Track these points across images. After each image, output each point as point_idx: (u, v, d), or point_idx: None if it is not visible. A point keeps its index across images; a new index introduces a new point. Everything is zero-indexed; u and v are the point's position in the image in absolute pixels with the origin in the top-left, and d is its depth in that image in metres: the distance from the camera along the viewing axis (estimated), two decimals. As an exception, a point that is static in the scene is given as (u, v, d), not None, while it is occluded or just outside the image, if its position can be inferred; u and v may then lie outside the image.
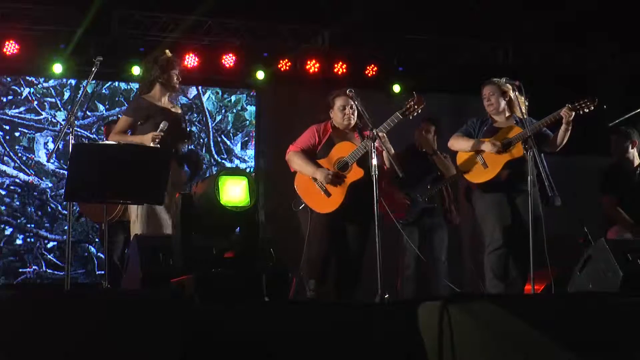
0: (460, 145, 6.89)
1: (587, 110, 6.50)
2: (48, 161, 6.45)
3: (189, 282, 5.30)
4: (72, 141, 6.23)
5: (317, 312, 4.41)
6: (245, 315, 4.19)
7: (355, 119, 6.63)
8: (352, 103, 6.54)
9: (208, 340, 3.95)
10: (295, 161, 6.67)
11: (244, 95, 11.18)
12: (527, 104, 6.76)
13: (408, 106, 6.52)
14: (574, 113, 6.48)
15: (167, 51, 6.66)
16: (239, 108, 11.14)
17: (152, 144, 6.45)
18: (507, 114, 6.83)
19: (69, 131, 6.29)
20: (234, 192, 5.72)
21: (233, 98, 11.15)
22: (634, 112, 7.00)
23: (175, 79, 6.72)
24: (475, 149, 6.77)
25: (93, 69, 6.43)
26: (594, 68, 11.32)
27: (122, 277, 7.18)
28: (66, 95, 10.51)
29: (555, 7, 9.66)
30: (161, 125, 6.54)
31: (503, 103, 6.81)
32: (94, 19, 9.52)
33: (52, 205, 10.28)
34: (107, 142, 7.13)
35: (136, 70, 10.14)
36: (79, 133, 10.18)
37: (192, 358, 3.91)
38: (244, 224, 5.91)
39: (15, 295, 4.00)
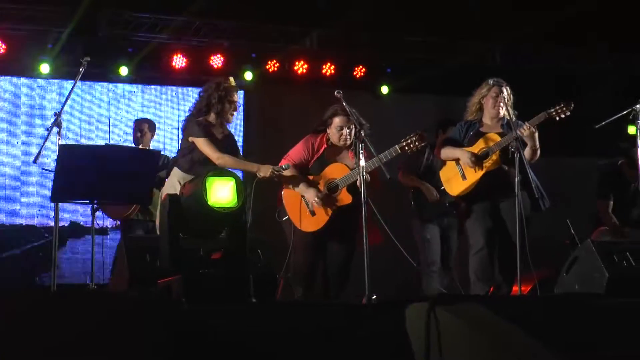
0: (444, 153, 6.89)
1: (564, 116, 6.50)
2: (35, 162, 6.39)
3: (177, 283, 5.29)
4: (59, 141, 6.21)
5: (305, 313, 4.41)
6: (233, 316, 4.19)
7: (352, 138, 6.47)
8: (350, 122, 6.39)
9: (195, 341, 3.95)
10: (286, 174, 6.55)
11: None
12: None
13: (409, 141, 6.44)
14: (531, 128, 6.46)
15: (231, 79, 6.47)
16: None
17: (267, 175, 6.28)
18: (498, 117, 6.82)
19: (57, 132, 6.27)
20: (221, 193, 5.71)
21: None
22: (620, 114, 7.02)
23: (230, 111, 6.37)
24: (454, 157, 6.79)
25: (81, 69, 6.41)
26: (585, 70, 11.35)
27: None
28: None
29: (545, 8, 9.68)
30: (284, 166, 6.38)
31: (503, 106, 6.77)
32: (82, 19, 9.50)
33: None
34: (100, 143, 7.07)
35: (124, 70, 10.13)
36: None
37: (180, 359, 3.91)
38: (231, 224, 5.90)
39: (1, 297, 3.99)
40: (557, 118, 6.50)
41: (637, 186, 7.06)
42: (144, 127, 8.36)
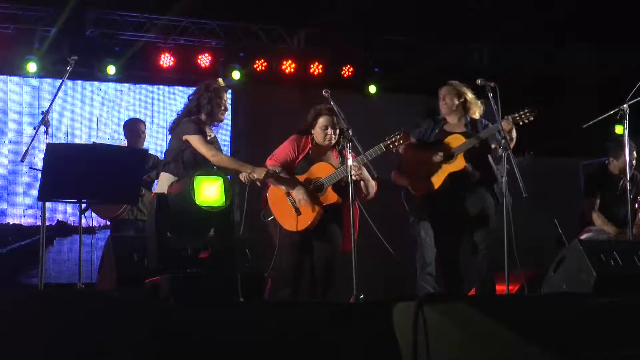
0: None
1: (527, 121, 6.63)
2: (22, 161, 6.39)
3: (164, 282, 5.29)
4: (46, 140, 6.19)
5: (292, 313, 4.41)
6: (220, 316, 4.19)
7: (337, 137, 6.50)
8: (335, 122, 6.42)
9: (182, 341, 3.95)
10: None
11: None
12: (482, 107, 6.92)
13: (393, 139, 6.47)
14: (513, 126, 6.58)
15: (220, 80, 6.45)
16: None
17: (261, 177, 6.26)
18: (459, 116, 6.95)
19: (44, 131, 6.25)
20: (209, 192, 5.72)
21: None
22: (607, 114, 7.05)
23: (220, 112, 6.26)
24: (419, 158, 6.87)
25: (68, 68, 6.40)
26: (569, 70, 11.37)
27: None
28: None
29: (531, 9, 9.71)
30: (277, 169, 6.37)
31: (456, 104, 6.92)
32: (69, 18, 9.49)
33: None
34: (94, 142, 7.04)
35: (111, 69, 10.10)
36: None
37: (167, 359, 3.90)
38: (219, 224, 5.90)
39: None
40: (521, 123, 6.62)
41: (624, 185, 7.09)
42: (143, 128, 8.35)
